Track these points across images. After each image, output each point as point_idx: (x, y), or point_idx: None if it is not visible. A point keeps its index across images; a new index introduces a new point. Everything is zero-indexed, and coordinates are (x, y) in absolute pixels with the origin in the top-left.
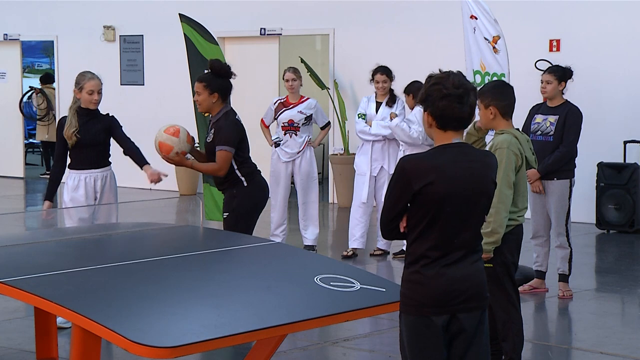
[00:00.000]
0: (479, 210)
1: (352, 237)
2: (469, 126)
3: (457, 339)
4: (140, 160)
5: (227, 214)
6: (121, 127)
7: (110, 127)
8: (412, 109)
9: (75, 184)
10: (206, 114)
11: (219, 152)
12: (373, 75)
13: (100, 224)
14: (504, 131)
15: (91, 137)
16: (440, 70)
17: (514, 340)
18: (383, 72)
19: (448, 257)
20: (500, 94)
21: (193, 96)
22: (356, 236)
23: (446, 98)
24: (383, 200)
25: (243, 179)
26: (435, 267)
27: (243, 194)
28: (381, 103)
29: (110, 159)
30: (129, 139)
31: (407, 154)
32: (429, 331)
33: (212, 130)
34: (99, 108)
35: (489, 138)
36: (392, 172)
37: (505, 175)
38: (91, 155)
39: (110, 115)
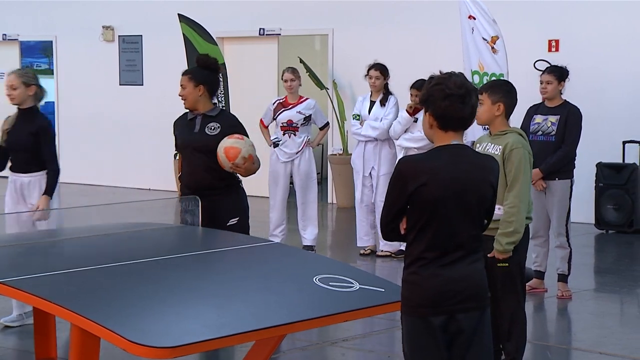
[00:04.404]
0: (476, 212)
1: (358, 236)
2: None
3: (457, 339)
4: (47, 187)
5: (237, 218)
6: (50, 141)
7: (38, 134)
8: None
9: (6, 185)
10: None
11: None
12: (368, 70)
13: (99, 224)
14: (507, 131)
15: (14, 140)
16: (440, 72)
17: (518, 341)
18: (377, 69)
19: (445, 258)
20: (509, 93)
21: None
22: (360, 235)
23: (448, 98)
24: (376, 201)
25: (240, 180)
26: (431, 267)
27: (244, 195)
28: (375, 102)
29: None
30: (53, 157)
31: (408, 155)
32: (427, 332)
33: (215, 125)
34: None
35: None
36: (382, 173)
37: (525, 175)
38: (15, 159)
39: (46, 119)
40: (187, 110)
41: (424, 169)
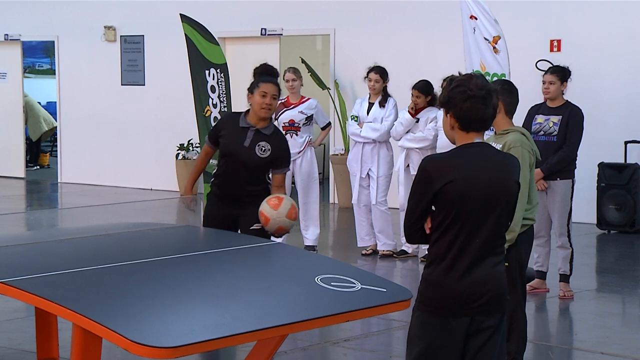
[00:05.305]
0: (500, 211)
1: (358, 236)
2: None
3: (473, 339)
4: None
5: (260, 224)
6: None
7: None
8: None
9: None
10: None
11: (284, 174)
12: (367, 73)
13: (101, 224)
14: (509, 130)
15: None
16: (459, 73)
17: (518, 341)
18: (377, 72)
19: (468, 259)
20: (507, 91)
21: (193, 97)
22: (361, 235)
23: (470, 100)
24: (374, 201)
25: (270, 189)
26: (454, 268)
27: None
28: (373, 104)
29: None
30: None
31: (412, 157)
32: (446, 333)
33: (267, 146)
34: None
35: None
36: (380, 175)
37: (523, 174)
38: None
39: None
40: (234, 112)
41: (449, 167)
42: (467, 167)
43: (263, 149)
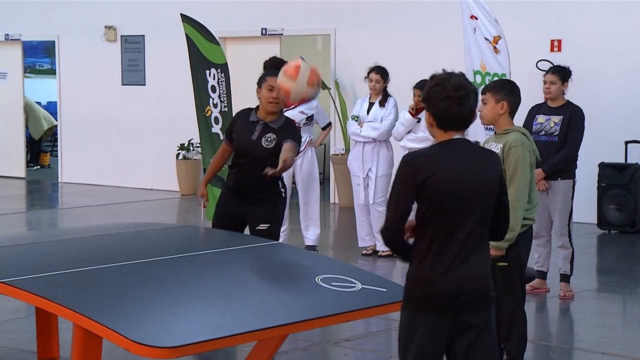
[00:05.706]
0: (483, 207)
1: (359, 236)
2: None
3: (460, 337)
4: None
5: (268, 224)
6: None
7: None
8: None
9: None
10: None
11: (292, 144)
12: (368, 73)
13: (101, 224)
14: (510, 130)
15: None
16: (443, 70)
17: (518, 341)
18: (378, 72)
19: (451, 255)
20: (512, 91)
21: (190, 97)
22: (362, 235)
23: (446, 100)
24: (372, 200)
25: (282, 190)
26: (439, 265)
27: (282, 206)
28: (374, 104)
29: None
30: None
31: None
32: (431, 330)
33: (272, 136)
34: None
35: (484, 138)
36: (380, 174)
37: (523, 173)
38: None
39: None
40: (247, 108)
41: (430, 162)
42: (447, 162)
43: (268, 139)
